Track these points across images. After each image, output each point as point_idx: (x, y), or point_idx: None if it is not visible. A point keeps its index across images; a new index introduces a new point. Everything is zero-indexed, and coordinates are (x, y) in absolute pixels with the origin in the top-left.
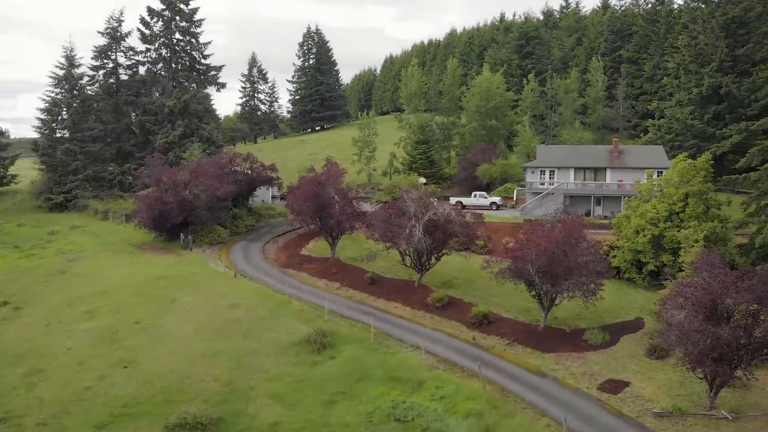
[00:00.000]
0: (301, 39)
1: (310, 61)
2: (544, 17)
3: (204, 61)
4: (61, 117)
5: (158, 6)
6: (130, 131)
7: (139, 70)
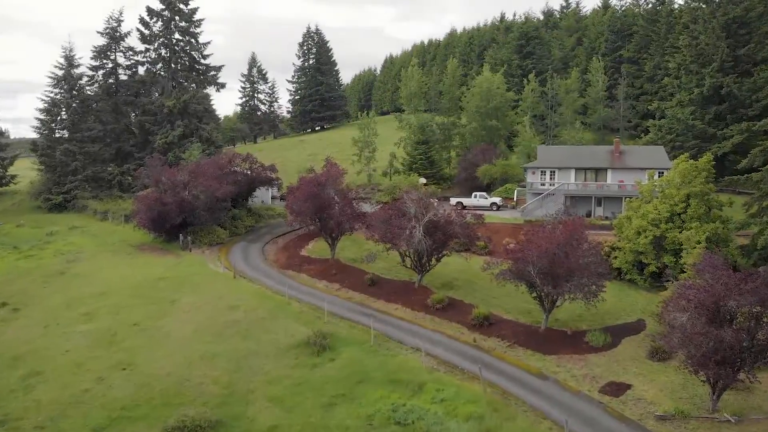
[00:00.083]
0: (301, 39)
1: (310, 61)
2: (544, 17)
3: (203, 61)
4: (61, 117)
5: (158, 6)
6: (129, 131)
7: (139, 70)
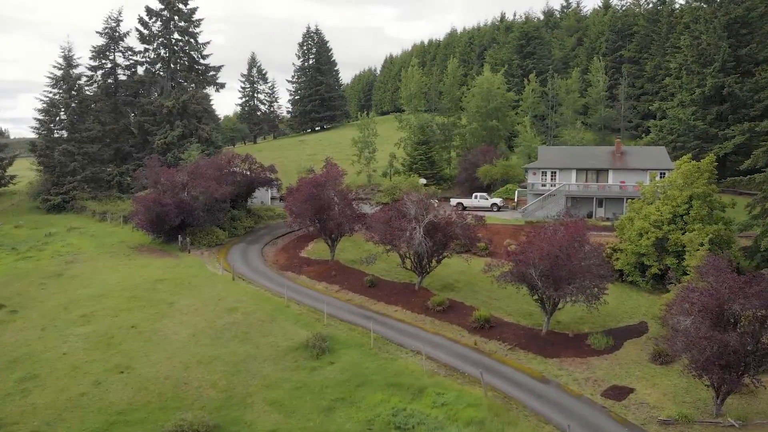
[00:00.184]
0: (300, 39)
1: (310, 61)
2: (544, 17)
3: (203, 61)
4: (59, 117)
5: (157, 6)
6: (128, 132)
7: (138, 70)
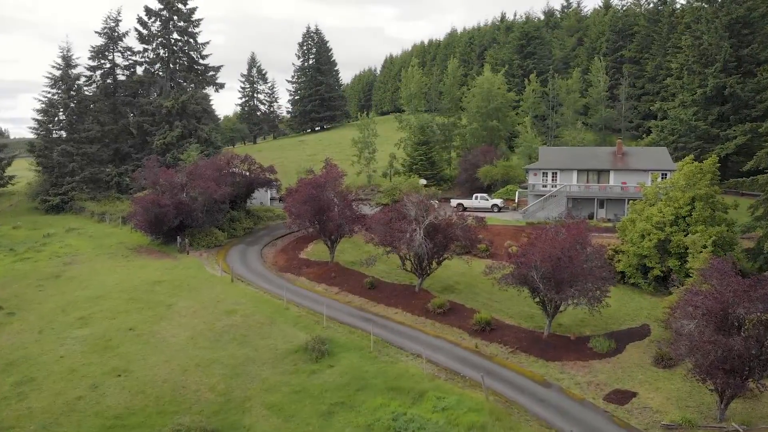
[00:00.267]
0: (300, 39)
1: (310, 61)
2: (545, 17)
3: (202, 62)
4: (58, 118)
5: (156, 6)
6: (127, 132)
7: (137, 70)
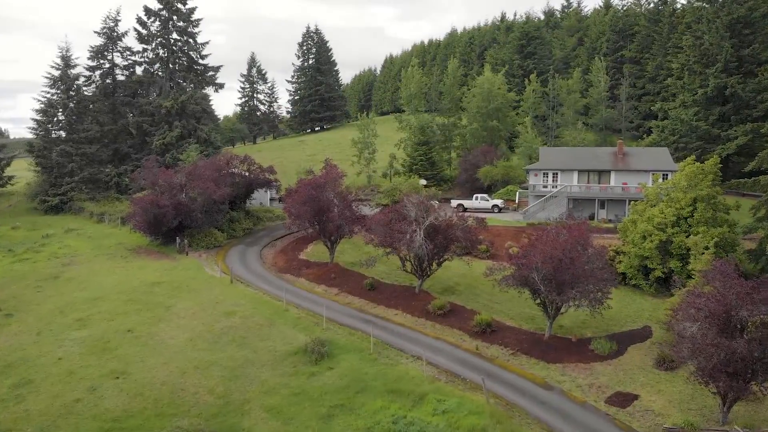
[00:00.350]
0: (300, 39)
1: (310, 61)
2: (545, 17)
3: (202, 61)
4: (57, 118)
5: (155, 5)
6: (127, 132)
7: (136, 70)
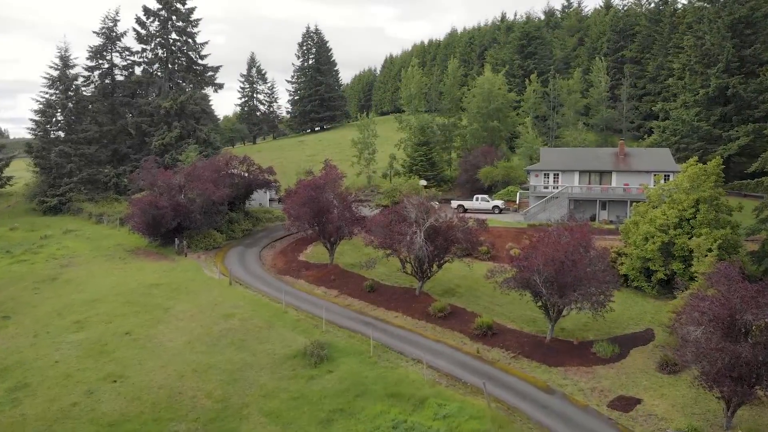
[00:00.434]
0: (300, 39)
1: (310, 61)
2: (545, 17)
3: (201, 62)
4: (56, 118)
5: (154, 5)
6: (125, 133)
7: (135, 70)
